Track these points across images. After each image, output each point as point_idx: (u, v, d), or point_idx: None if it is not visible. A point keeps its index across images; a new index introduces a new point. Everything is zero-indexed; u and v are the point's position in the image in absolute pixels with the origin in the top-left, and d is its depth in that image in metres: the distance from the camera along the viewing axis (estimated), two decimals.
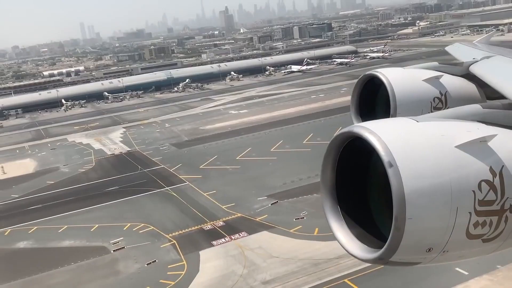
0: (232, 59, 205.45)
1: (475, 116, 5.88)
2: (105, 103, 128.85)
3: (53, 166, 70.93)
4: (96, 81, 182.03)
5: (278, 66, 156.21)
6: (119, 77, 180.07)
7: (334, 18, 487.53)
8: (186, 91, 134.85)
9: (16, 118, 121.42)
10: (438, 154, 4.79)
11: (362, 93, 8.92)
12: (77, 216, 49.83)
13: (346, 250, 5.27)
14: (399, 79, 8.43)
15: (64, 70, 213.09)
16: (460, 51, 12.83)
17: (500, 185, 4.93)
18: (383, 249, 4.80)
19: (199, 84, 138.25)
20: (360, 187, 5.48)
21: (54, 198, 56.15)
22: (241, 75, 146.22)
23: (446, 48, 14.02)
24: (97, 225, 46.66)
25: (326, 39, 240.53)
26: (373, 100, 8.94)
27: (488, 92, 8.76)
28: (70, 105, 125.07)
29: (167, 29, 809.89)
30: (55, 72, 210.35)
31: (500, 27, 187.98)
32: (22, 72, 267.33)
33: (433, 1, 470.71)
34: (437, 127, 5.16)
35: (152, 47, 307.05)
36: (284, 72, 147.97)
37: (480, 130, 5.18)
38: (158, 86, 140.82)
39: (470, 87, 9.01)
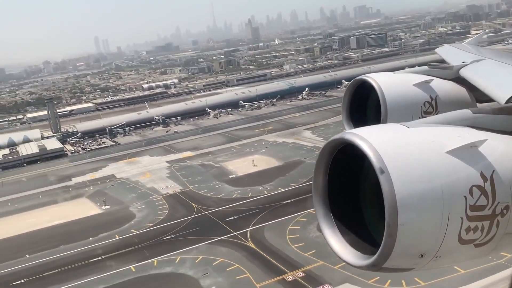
0: (313, 69, 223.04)
1: (465, 121, 5.89)
2: (246, 110, 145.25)
3: (295, 159, 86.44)
4: (197, 92, 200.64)
5: None
6: (216, 89, 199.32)
7: (356, 28, 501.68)
8: (312, 98, 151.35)
9: (176, 125, 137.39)
10: (429, 160, 4.87)
11: (353, 98, 9.17)
12: None
13: (339, 257, 5.37)
14: (389, 83, 8.69)
15: (161, 83, 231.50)
16: (450, 53, 13.00)
17: (491, 190, 4.99)
18: (376, 256, 4.87)
19: (322, 92, 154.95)
20: (353, 194, 5.60)
21: None
22: None
23: (436, 50, 14.53)
24: None
25: (396, 48, 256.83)
26: (364, 104, 9.14)
27: (478, 96, 8.86)
28: (217, 113, 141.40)
29: (191, 41, 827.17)
30: (154, 85, 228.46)
31: None
32: (101, 86, 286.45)
33: (458, 8, 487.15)
34: (428, 133, 5.27)
35: (222, 59, 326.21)
36: None
37: (470, 135, 5.27)
38: (282, 95, 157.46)
39: (460, 91, 9.16)
